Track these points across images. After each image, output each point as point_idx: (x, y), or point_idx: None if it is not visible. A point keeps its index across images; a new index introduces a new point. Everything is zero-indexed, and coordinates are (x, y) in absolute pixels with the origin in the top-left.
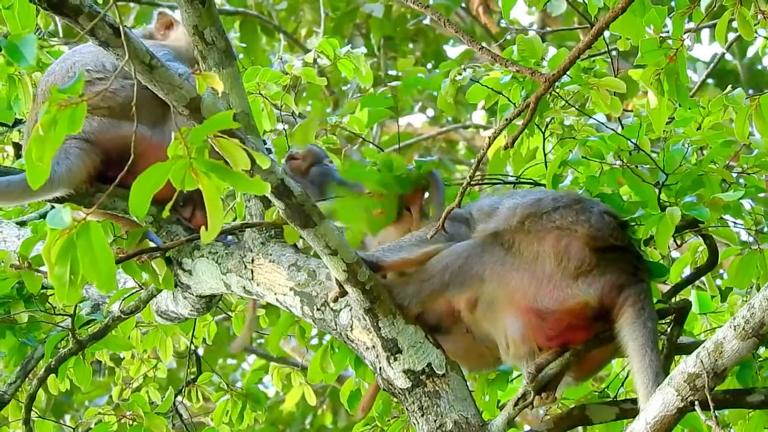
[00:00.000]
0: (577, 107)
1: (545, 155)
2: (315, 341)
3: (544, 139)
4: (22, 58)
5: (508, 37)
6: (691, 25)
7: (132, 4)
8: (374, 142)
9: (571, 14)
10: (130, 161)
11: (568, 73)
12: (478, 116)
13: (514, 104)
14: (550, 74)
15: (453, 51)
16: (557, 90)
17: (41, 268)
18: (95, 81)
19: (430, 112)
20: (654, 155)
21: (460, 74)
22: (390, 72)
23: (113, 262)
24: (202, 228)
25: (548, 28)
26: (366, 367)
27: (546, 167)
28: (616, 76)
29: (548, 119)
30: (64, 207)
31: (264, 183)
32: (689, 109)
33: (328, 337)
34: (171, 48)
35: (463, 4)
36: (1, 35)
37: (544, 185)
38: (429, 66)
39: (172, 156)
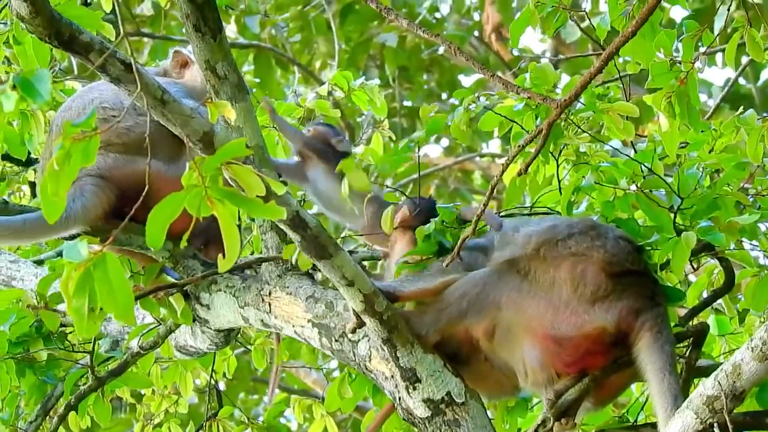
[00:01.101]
0: (590, 133)
1: (559, 182)
2: (336, 374)
3: (558, 166)
4: (37, 94)
5: (523, 65)
6: (702, 47)
7: (146, 40)
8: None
9: (585, 41)
10: (143, 195)
11: (581, 99)
12: (494, 145)
13: (527, 131)
14: (561, 100)
15: (467, 80)
16: (570, 116)
17: (59, 306)
18: (111, 118)
19: (445, 142)
20: (668, 179)
21: (474, 102)
22: (405, 102)
23: (131, 292)
24: (219, 256)
25: (561, 56)
26: (384, 395)
27: (560, 194)
28: (628, 101)
29: (562, 146)
30: (81, 240)
31: (279, 207)
32: (702, 131)
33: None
34: (186, 87)
35: (476, 33)
36: (15, 73)
37: (559, 212)
38: (444, 96)
39: (186, 185)
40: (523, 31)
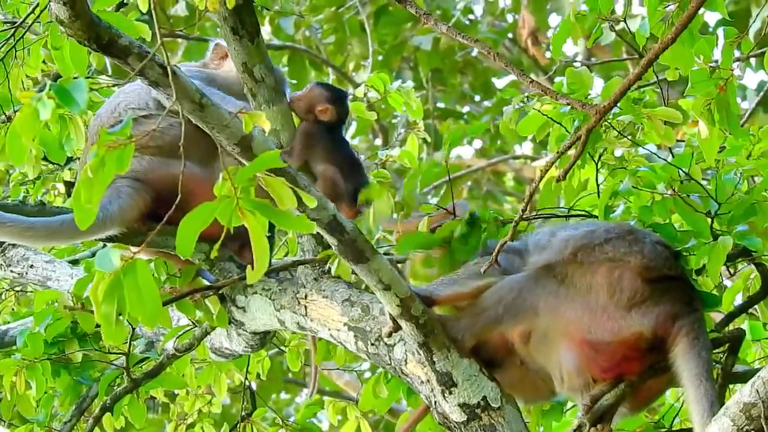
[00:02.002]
0: (629, 137)
1: (598, 186)
2: (367, 375)
3: (597, 170)
4: (73, 102)
5: (557, 67)
6: (738, 52)
7: (180, 41)
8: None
9: (618, 43)
10: (178, 199)
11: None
12: (526, 147)
13: (569, 132)
14: (600, 106)
15: (501, 83)
16: (609, 121)
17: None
18: (141, 120)
19: (477, 143)
20: (705, 184)
21: (523, 102)
22: (439, 104)
23: (159, 299)
24: (249, 268)
25: (594, 59)
26: (418, 397)
27: (598, 197)
28: (666, 105)
29: (602, 150)
30: (112, 248)
31: (310, 222)
32: (747, 137)
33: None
34: (222, 78)
35: (510, 35)
36: (52, 77)
37: (596, 216)
38: (477, 98)
39: (219, 195)
40: (564, 42)
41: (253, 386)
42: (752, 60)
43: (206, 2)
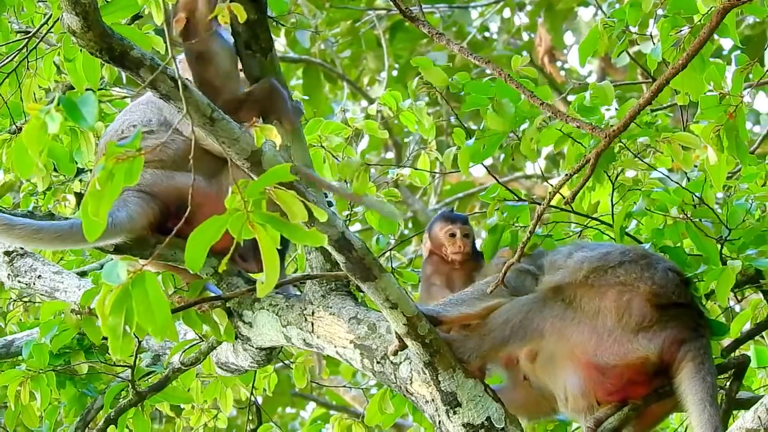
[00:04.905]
0: (644, 161)
1: (612, 207)
2: (374, 391)
3: (613, 190)
4: (81, 117)
5: (570, 86)
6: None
7: None
8: (435, 192)
9: (634, 66)
10: (188, 211)
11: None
12: (538, 166)
13: (585, 147)
14: (610, 131)
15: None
16: (624, 142)
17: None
18: (145, 136)
19: (488, 161)
20: (718, 209)
21: (545, 122)
22: (453, 120)
23: (169, 309)
24: (259, 281)
25: (608, 78)
26: (423, 414)
27: (612, 219)
28: (684, 130)
29: (617, 171)
30: (120, 261)
31: (321, 234)
32: (755, 164)
33: None
34: None
35: (525, 53)
36: (64, 88)
37: (610, 225)
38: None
39: (229, 208)
40: (591, 52)
41: (259, 400)
42: None
43: (218, 15)
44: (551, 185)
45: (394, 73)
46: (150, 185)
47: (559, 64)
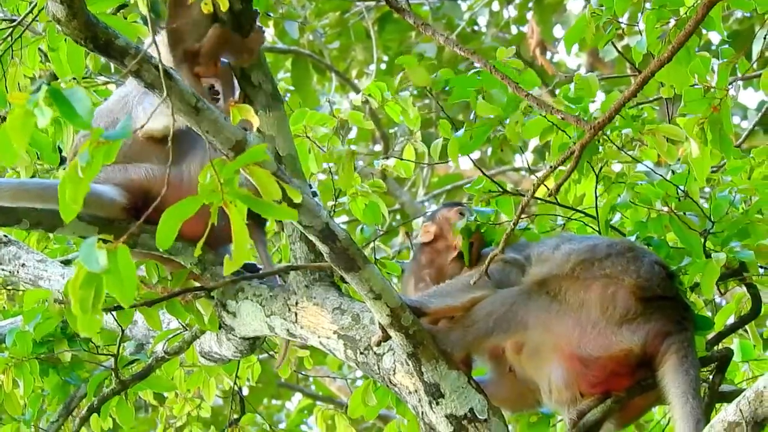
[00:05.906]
0: (628, 153)
1: (596, 199)
2: (360, 383)
3: (597, 182)
4: (76, 116)
5: (558, 80)
6: (738, 72)
7: None
8: (423, 184)
9: (622, 60)
10: (158, 200)
11: (616, 118)
12: (525, 159)
13: (571, 138)
14: (595, 123)
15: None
16: (609, 135)
17: None
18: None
19: (475, 154)
20: (702, 202)
21: (530, 107)
22: (441, 113)
23: (135, 276)
24: (226, 258)
25: (596, 71)
26: (406, 405)
27: (596, 212)
28: (670, 122)
29: (601, 164)
30: (97, 244)
31: (292, 210)
32: (739, 158)
33: None
34: None
35: (514, 47)
36: (47, 77)
37: (594, 218)
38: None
39: (203, 188)
40: (577, 40)
41: (245, 391)
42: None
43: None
44: (537, 177)
45: (383, 65)
46: (108, 179)
47: (549, 56)
